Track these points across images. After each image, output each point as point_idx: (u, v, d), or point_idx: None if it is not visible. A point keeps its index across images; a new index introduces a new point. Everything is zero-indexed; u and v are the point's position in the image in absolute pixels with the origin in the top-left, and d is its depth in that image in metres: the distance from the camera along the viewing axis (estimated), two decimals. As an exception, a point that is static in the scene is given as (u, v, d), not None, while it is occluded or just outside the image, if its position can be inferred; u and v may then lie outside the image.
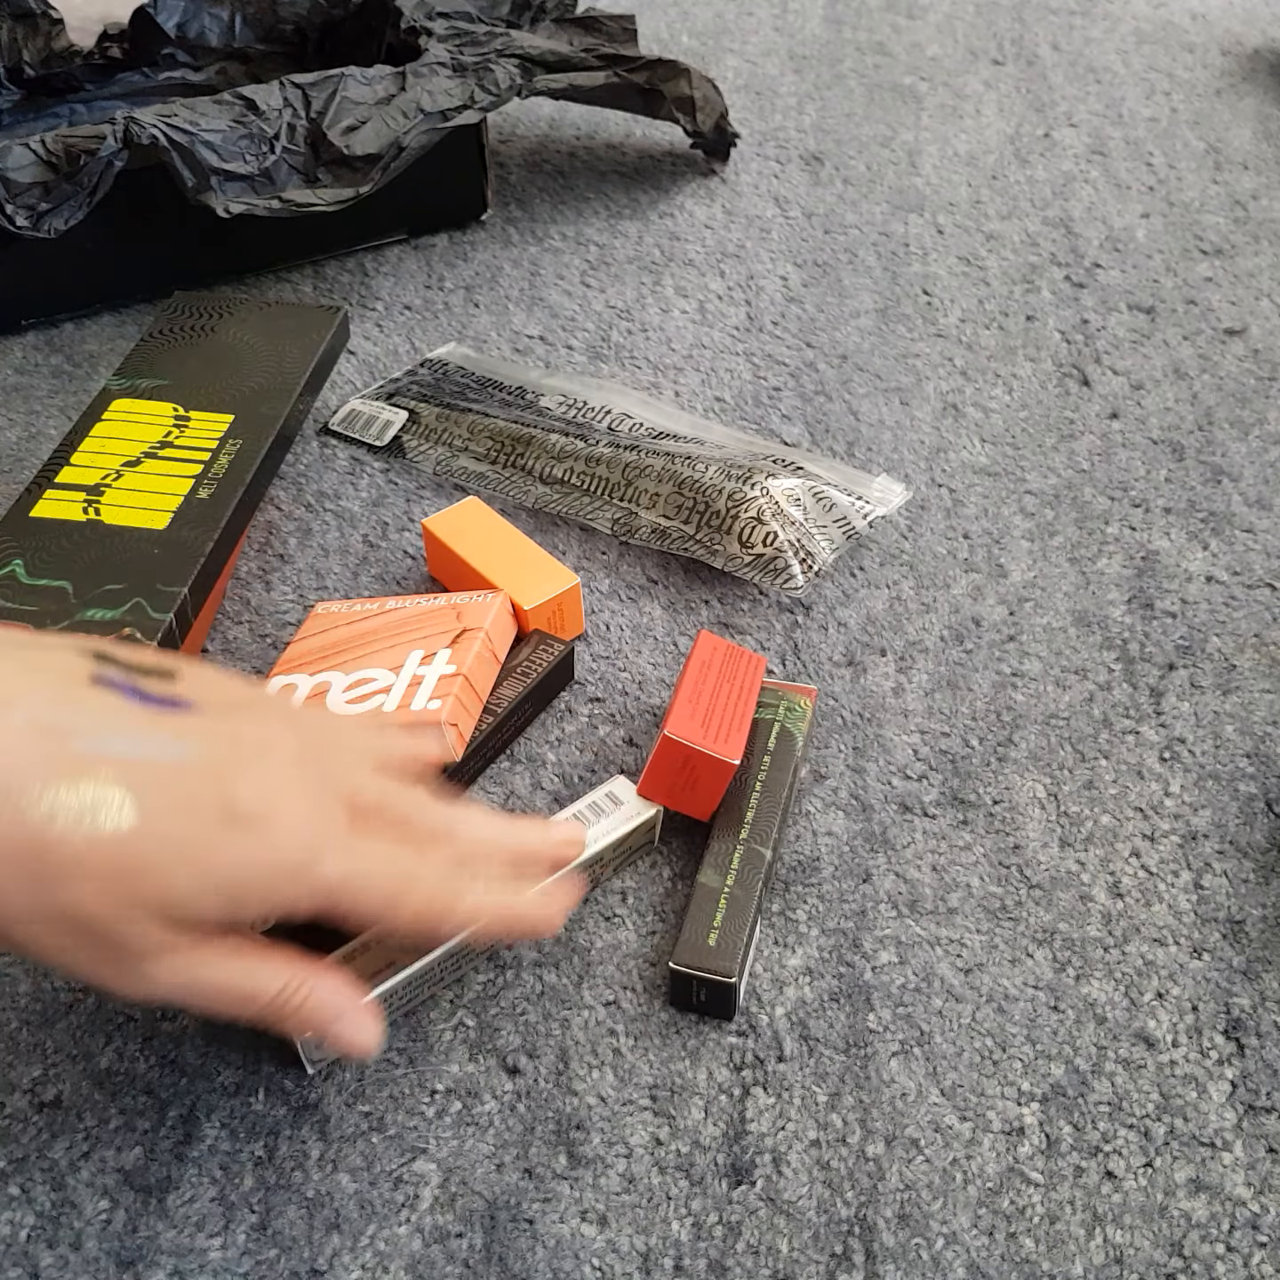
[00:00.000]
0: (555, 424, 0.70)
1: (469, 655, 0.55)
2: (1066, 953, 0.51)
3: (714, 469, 0.65)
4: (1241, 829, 0.55)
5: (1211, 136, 0.97)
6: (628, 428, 0.71)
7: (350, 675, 0.55)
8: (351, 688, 0.55)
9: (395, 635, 0.57)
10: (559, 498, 0.68)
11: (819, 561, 0.64)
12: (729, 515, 0.63)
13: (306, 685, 0.56)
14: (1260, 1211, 0.44)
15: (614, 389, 0.73)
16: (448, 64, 0.79)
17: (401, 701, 0.53)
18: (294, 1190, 0.44)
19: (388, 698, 0.54)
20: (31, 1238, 0.43)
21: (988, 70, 1.05)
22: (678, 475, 0.65)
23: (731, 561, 0.64)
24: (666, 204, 0.90)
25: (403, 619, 0.58)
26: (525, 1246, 0.43)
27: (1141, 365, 0.77)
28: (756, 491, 0.64)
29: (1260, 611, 0.63)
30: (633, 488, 0.66)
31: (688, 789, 0.52)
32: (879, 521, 0.67)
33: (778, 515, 0.63)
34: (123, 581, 0.56)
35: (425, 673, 0.55)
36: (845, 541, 0.65)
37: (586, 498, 0.67)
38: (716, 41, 1.08)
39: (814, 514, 0.64)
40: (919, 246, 0.86)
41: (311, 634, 0.58)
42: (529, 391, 0.73)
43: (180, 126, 0.71)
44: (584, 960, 0.50)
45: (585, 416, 0.71)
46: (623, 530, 0.66)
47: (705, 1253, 0.43)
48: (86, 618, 0.54)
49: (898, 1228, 0.44)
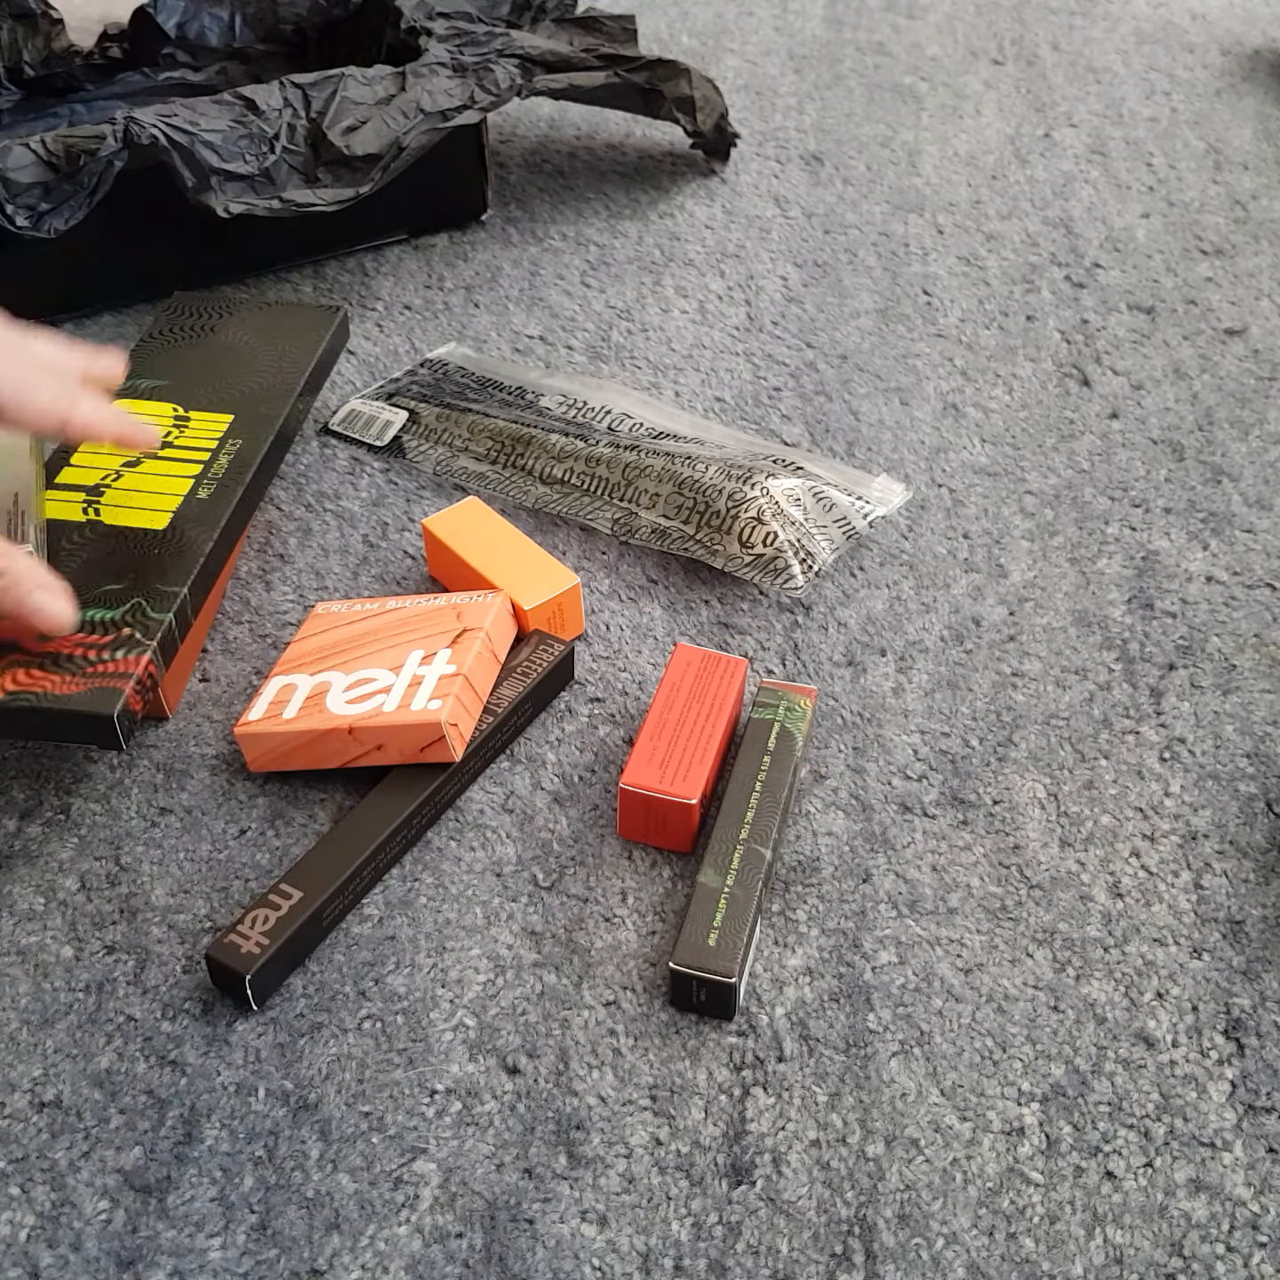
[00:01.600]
0: (555, 424, 0.70)
1: (469, 655, 0.55)
2: (1066, 953, 0.51)
3: (714, 469, 0.65)
4: (1241, 829, 0.55)
5: (1211, 136, 0.97)
6: (628, 428, 0.71)
7: (350, 675, 0.55)
8: (352, 687, 0.55)
9: (395, 635, 0.57)
10: (559, 498, 0.68)
11: (819, 561, 0.64)
12: (729, 515, 0.63)
13: (307, 685, 0.55)
14: (1260, 1211, 0.44)
15: (614, 389, 0.73)
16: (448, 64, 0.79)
17: (401, 701, 0.53)
18: (294, 1190, 0.44)
19: (388, 697, 0.54)
20: (31, 1238, 0.43)
21: (988, 70, 1.05)
22: (678, 475, 0.65)
23: (731, 561, 0.64)
24: (666, 204, 0.90)
25: (403, 619, 0.58)
26: (525, 1246, 0.43)
27: (1141, 365, 0.77)
28: (757, 491, 0.64)
29: (1260, 611, 0.63)
30: (633, 488, 0.66)
31: (660, 828, 0.53)
32: (879, 521, 0.67)
33: (778, 515, 0.63)
34: (122, 581, 0.56)
35: (425, 673, 0.55)
36: (845, 541, 0.65)
37: (586, 498, 0.67)
38: (716, 41, 1.08)
39: (814, 514, 0.64)
40: (919, 246, 0.86)
41: (311, 634, 0.58)
42: (529, 391, 0.73)
43: (180, 126, 0.71)
44: (584, 960, 0.50)
45: (585, 416, 0.71)
46: (623, 530, 0.66)
47: (705, 1253, 0.43)
48: (86, 618, 0.54)
49: (898, 1228, 0.44)
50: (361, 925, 0.51)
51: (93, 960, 0.50)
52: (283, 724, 0.54)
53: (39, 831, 0.54)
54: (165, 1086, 0.47)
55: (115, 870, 0.53)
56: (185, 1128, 0.46)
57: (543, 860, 0.53)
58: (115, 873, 0.53)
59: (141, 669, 0.53)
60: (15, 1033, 0.48)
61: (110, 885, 0.52)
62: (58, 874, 0.52)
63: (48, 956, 0.50)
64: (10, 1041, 0.48)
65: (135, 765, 0.56)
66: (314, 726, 0.53)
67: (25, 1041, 0.48)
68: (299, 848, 0.53)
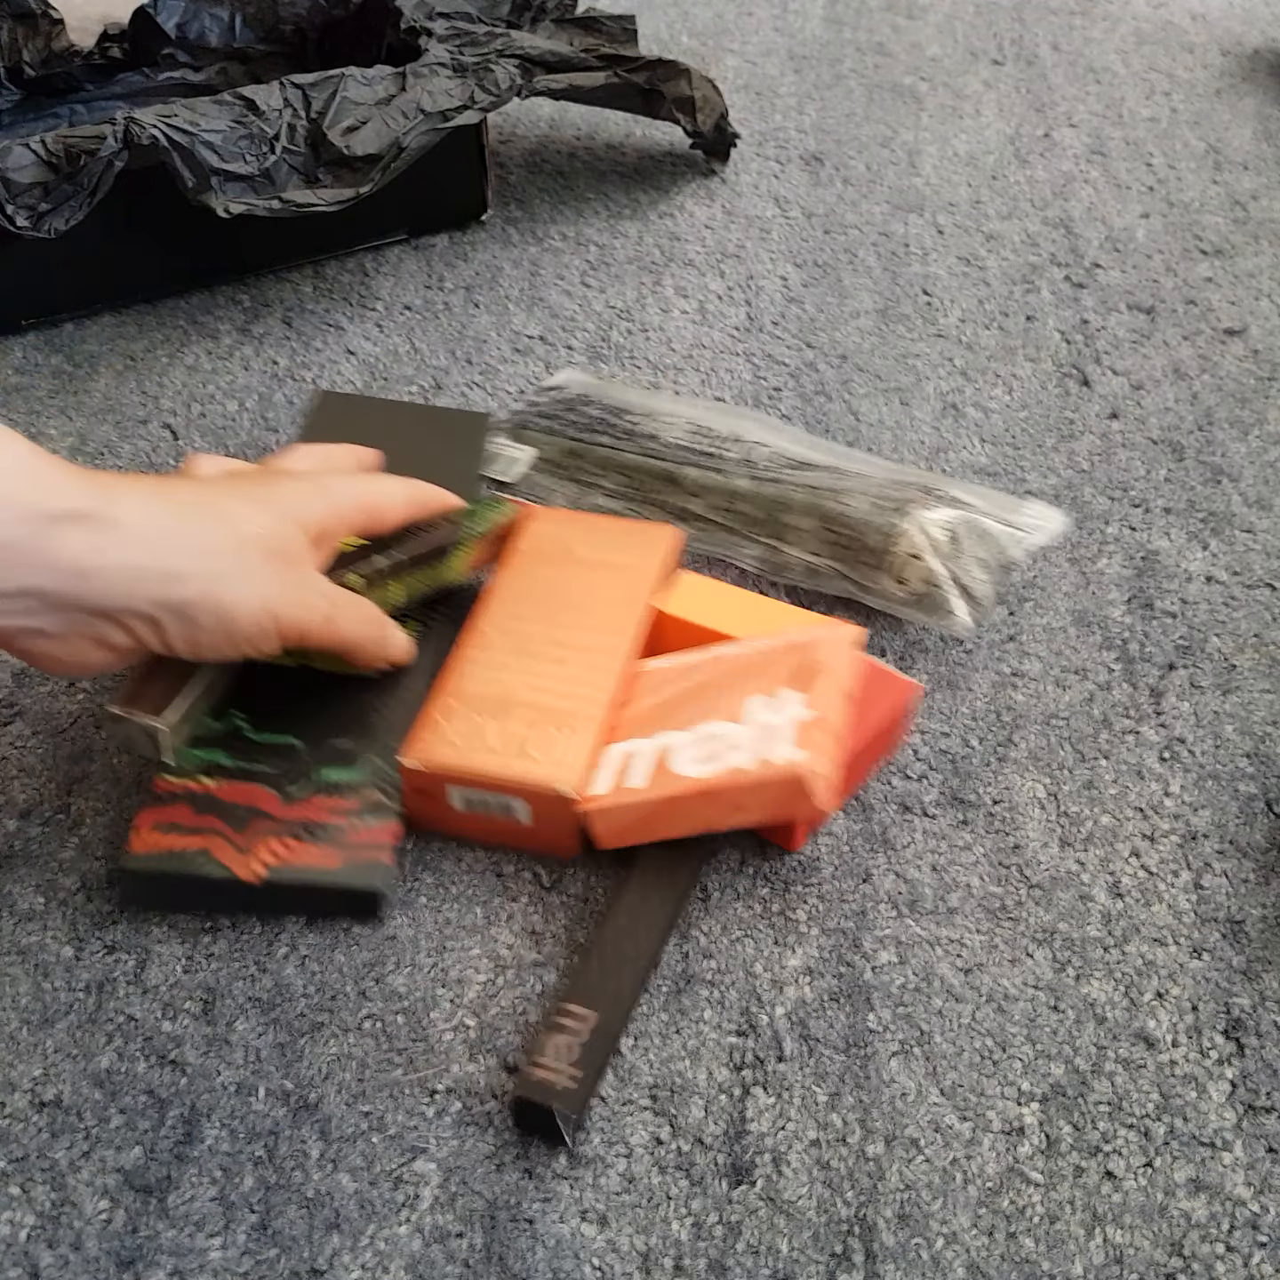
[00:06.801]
0: (688, 456, 0.66)
1: (826, 696, 0.50)
2: (1066, 953, 0.51)
3: (863, 502, 0.62)
4: (1241, 829, 0.55)
5: (1211, 136, 0.97)
6: (764, 457, 0.66)
7: (692, 733, 0.51)
8: (697, 746, 0.50)
9: (734, 683, 0.52)
10: (698, 534, 0.65)
11: (979, 595, 0.61)
12: (882, 551, 0.61)
13: (648, 751, 0.51)
14: (1260, 1211, 0.44)
15: (742, 414, 0.70)
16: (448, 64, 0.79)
17: (757, 754, 0.49)
18: (294, 1190, 0.44)
19: (740, 753, 0.49)
20: (31, 1238, 0.43)
21: (988, 70, 1.05)
22: (825, 510, 0.62)
23: (888, 599, 0.61)
24: (666, 204, 0.90)
25: (739, 665, 0.53)
26: (525, 1246, 0.43)
27: (1141, 365, 0.77)
28: (909, 525, 0.61)
29: (1260, 611, 0.63)
30: (777, 523, 0.63)
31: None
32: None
33: (933, 549, 0.60)
34: (349, 737, 0.53)
35: (776, 720, 0.50)
36: (1003, 573, 0.62)
37: (727, 534, 0.64)
38: (716, 41, 1.08)
39: (969, 545, 0.61)
40: (919, 246, 0.86)
41: (642, 696, 0.54)
42: (655, 419, 0.69)
43: (180, 127, 0.71)
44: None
45: (716, 446, 0.67)
46: (769, 568, 0.63)
47: (705, 1253, 0.43)
48: (324, 778, 0.52)
49: (898, 1227, 0.44)
50: (361, 925, 0.51)
51: (93, 960, 0.50)
52: (632, 795, 0.49)
53: (39, 831, 0.54)
54: (165, 1086, 0.47)
55: (115, 870, 0.53)
56: (185, 1127, 0.46)
57: (543, 860, 0.53)
58: (115, 872, 0.53)
59: (393, 836, 0.51)
60: (15, 1032, 0.48)
61: (110, 885, 0.52)
62: (58, 874, 0.52)
63: (48, 956, 0.50)
64: (10, 1041, 0.48)
65: (135, 765, 0.56)
66: (666, 794, 0.49)
67: (25, 1041, 0.48)
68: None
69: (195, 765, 0.52)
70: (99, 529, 0.44)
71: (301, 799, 0.51)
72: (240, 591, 0.47)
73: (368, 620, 0.52)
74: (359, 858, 0.50)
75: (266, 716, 0.54)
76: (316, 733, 0.54)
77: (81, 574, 0.44)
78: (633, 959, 0.48)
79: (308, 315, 0.80)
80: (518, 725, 0.52)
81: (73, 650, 0.46)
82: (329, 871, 0.49)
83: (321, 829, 0.51)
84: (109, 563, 0.44)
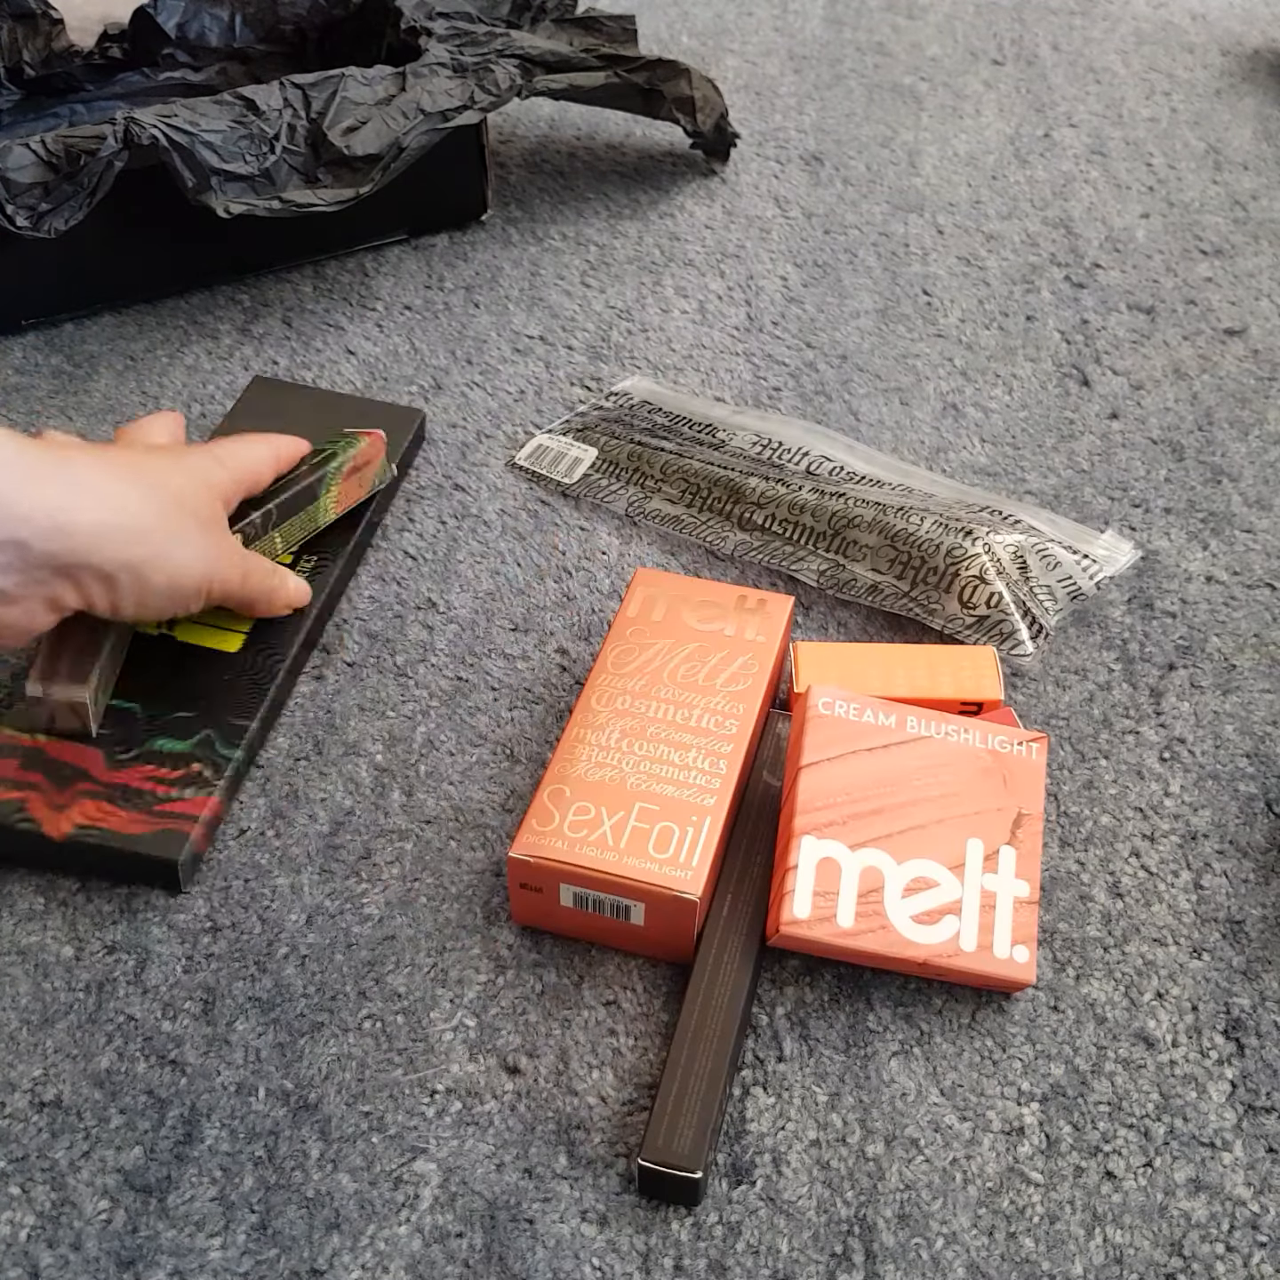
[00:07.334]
0: (752, 466, 0.66)
1: (1037, 869, 0.48)
2: (1066, 953, 0.51)
3: (929, 521, 0.62)
4: (1241, 829, 0.55)
5: (1211, 136, 0.97)
6: (828, 471, 0.66)
7: (902, 865, 0.48)
8: (911, 892, 0.47)
9: (939, 800, 0.49)
10: (759, 545, 0.64)
11: (1044, 624, 0.60)
12: (948, 573, 0.60)
13: (852, 868, 0.47)
14: (1260, 1211, 0.44)
15: (809, 428, 0.70)
16: (448, 64, 0.79)
17: (980, 938, 0.47)
18: (294, 1190, 0.44)
19: (961, 924, 0.47)
20: (31, 1238, 0.43)
21: (988, 70, 1.05)
22: (890, 527, 0.62)
23: (951, 622, 0.60)
24: (666, 204, 0.90)
25: (936, 760, 0.50)
26: (525, 1246, 0.43)
27: (1141, 365, 0.77)
28: (978, 548, 0.60)
29: (1260, 611, 0.63)
30: (840, 538, 0.63)
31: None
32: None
33: (1001, 574, 0.60)
34: (193, 709, 0.55)
35: (994, 886, 0.48)
36: (1070, 603, 0.62)
37: (789, 546, 0.64)
38: (716, 41, 1.08)
39: (1037, 573, 0.61)
40: (919, 246, 0.86)
41: (828, 757, 0.50)
42: (720, 429, 0.69)
43: (180, 127, 0.71)
44: (584, 960, 0.50)
45: (781, 458, 0.67)
46: (830, 583, 0.63)
47: (705, 1252, 0.43)
48: (155, 747, 0.54)
49: (898, 1227, 0.44)
50: (361, 925, 0.51)
51: (93, 960, 0.50)
52: (841, 935, 0.46)
53: (39, 831, 0.54)
54: (165, 1086, 0.47)
55: (115, 870, 0.53)
56: (185, 1127, 0.46)
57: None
58: (115, 873, 0.53)
59: (209, 810, 0.52)
60: (15, 1033, 0.48)
61: (110, 885, 0.52)
62: (58, 874, 0.52)
63: (48, 956, 0.50)
64: (10, 1041, 0.48)
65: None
66: (882, 950, 0.46)
67: (25, 1041, 0.48)
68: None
69: None
70: (68, 488, 0.46)
71: (126, 765, 0.53)
72: (188, 552, 0.50)
73: (268, 573, 0.56)
74: (164, 827, 0.51)
75: (120, 682, 0.56)
76: (161, 703, 0.55)
77: (59, 528, 0.45)
78: (723, 1028, 0.46)
79: (308, 315, 0.80)
80: (636, 818, 0.49)
81: (24, 612, 0.47)
82: (131, 838, 0.50)
83: (137, 795, 0.52)
84: (82, 519, 0.46)
